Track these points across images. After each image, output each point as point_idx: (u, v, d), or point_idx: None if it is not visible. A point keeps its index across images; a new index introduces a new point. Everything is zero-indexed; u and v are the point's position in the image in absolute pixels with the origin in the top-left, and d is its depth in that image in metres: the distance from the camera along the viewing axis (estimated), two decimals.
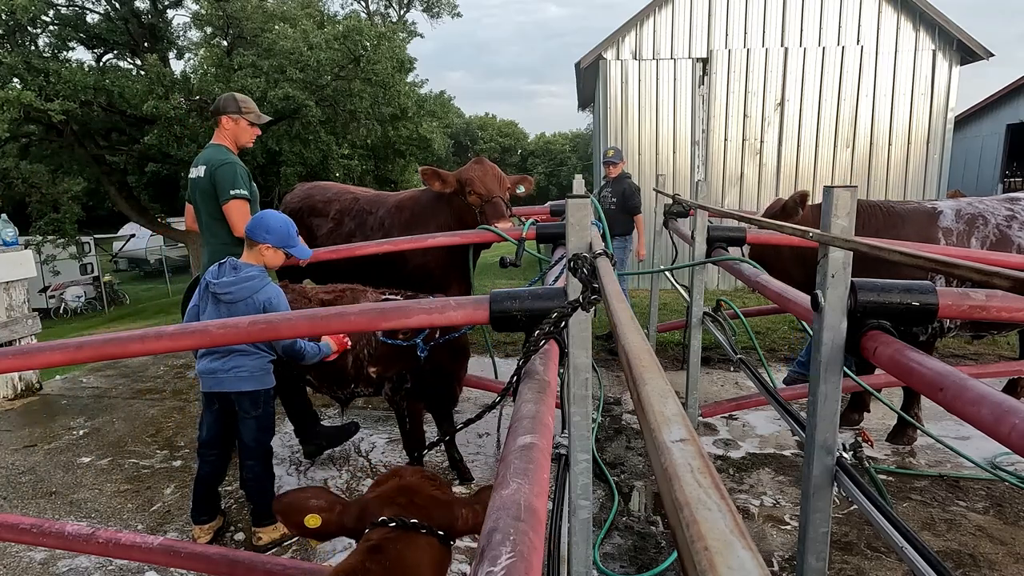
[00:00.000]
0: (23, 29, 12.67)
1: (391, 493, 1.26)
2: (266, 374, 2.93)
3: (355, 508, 1.27)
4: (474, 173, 3.95)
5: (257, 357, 2.88)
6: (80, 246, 16.15)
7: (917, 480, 3.47)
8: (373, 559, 1.13)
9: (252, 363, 2.86)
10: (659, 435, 0.61)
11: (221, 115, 3.54)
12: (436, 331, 3.02)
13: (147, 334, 1.88)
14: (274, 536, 3.04)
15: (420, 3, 24.13)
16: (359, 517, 1.24)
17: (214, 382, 2.88)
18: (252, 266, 2.85)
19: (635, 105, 9.42)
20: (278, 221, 2.87)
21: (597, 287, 1.31)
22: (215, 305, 2.82)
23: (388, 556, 1.14)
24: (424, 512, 1.23)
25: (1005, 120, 16.08)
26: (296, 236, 2.93)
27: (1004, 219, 3.63)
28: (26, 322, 5.40)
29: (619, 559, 2.85)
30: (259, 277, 2.83)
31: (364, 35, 13.36)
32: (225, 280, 2.80)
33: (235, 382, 2.85)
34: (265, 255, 2.86)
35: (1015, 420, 0.99)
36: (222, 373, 2.85)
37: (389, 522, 1.19)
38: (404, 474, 1.33)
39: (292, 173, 13.97)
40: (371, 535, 1.18)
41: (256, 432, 2.93)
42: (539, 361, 1.38)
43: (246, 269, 2.83)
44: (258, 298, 2.80)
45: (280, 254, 2.90)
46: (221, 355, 2.84)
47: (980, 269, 0.80)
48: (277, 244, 2.85)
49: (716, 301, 3.66)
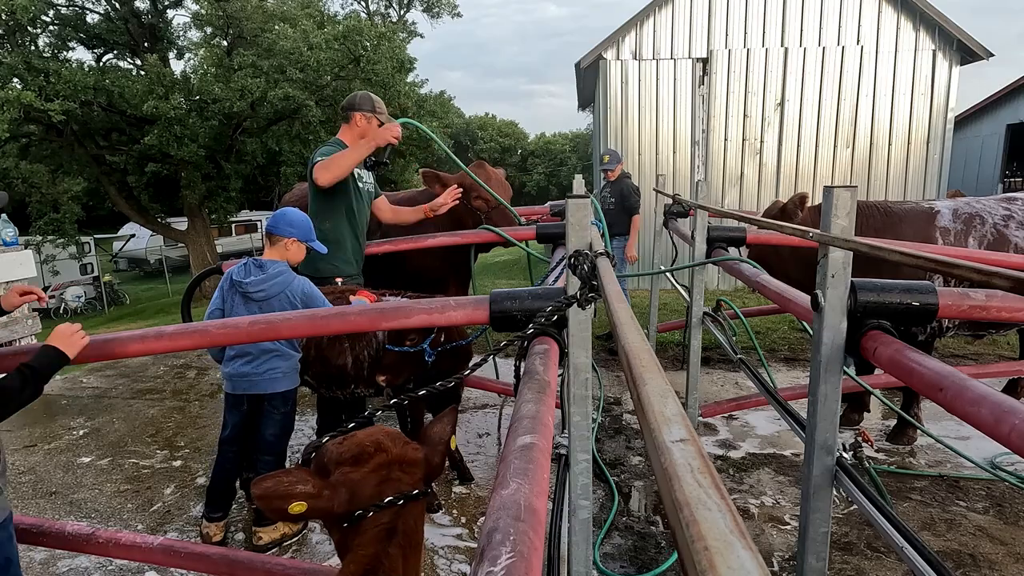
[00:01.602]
0: (23, 29, 12.66)
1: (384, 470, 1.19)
2: (296, 372, 3.00)
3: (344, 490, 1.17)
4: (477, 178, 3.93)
5: (289, 357, 2.94)
6: (80, 246, 16.17)
7: (917, 480, 3.47)
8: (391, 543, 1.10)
9: (286, 364, 2.92)
10: (659, 435, 0.61)
11: (355, 111, 3.53)
12: (442, 336, 3.02)
13: (147, 334, 1.88)
14: (274, 536, 3.04)
15: (420, 3, 24.11)
16: (350, 500, 1.16)
17: (248, 384, 2.90)
18: (278, 262, 2.89)
19: (635, 105, 9.41)
20: (300, 216, 2.94)
21: (596, 285, 1.31)
22: (246, 304, 2.84)
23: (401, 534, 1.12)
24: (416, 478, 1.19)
25: (1005, 120, 16.07)
26: (314, 231, 3.02)
27: (1001, 218, 3.63)
28: (26, 322, 5.40)
29: (619, 559, 2.85)
30: (288, 272, 2.88)
31: (364, 35, 13.37)
32: (256, 279, 2.83)
33: (270, 383, 2.90)
34: (290, 249, 2.92)
35: (1015, 420, 0.99)
36: (256, 376, 2.88)
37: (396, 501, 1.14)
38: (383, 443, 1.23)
39: (292, 173, 13.98)
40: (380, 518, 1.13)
41: (280, 429, 2.99)
42: (539, 361, 1.38)
43: (273, 266, 2.86)
44: (294, 291, 2.85)
45: (303, 248, 2.96)
46: (254, 357, 2.87)
47: (980, 269, 0.80)
48: (302, 238, 2.92)
49: (716, 301, 3.66)
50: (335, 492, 1.17)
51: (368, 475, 1.18)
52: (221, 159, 14.20)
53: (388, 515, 1.13)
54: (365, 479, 1.18)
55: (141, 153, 13.67)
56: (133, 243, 23.71)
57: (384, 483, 1.17)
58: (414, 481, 1.19)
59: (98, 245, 19.58)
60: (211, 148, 13.59)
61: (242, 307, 2.85)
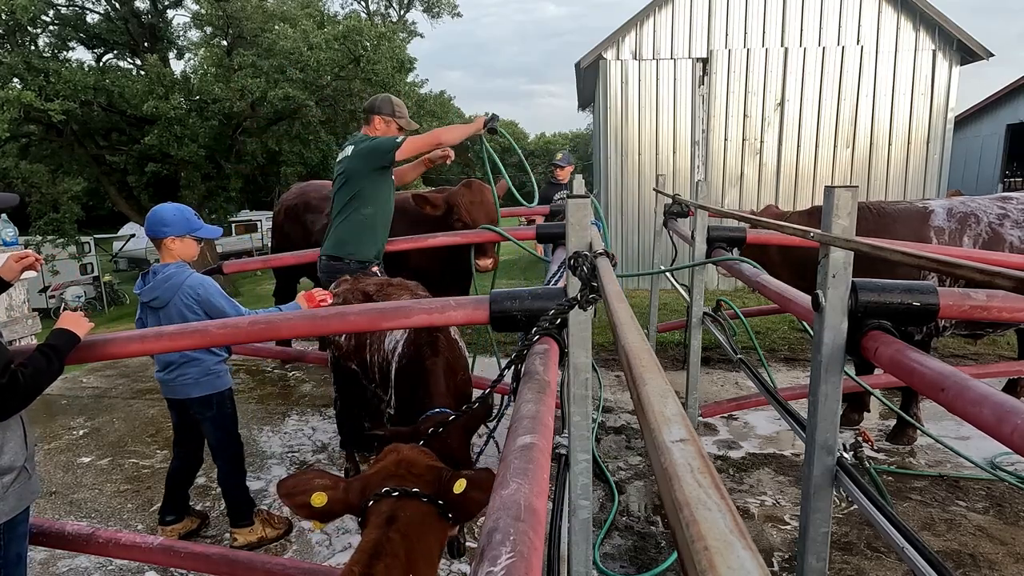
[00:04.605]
0: (23, 29, 12.67)
1: (391, 467, 1.33)
2: (215, 377, 2.90)
3: (358, 484, 1.33)
4: (462, 200, 3.96)
5: (200, 363, 2.86)
6: (80, 246, 16.16)
7: (917, 480, 3.46)
8: (392, 528, 1.20)
9: (196, 370, 2.85)
10: (659, 435, 0.60)
11: (374, 115, 3.63)
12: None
13: (147, 334, 1.88)
14: (250, 539, 3.03)
15: (420, 3, 24.12)
16: (362, 492, 1.30)
17: (167, 391, 2.94)
18: (167, 265, 2.80)
19: (635, 105, 9.41)
20: (171, 211, 2.81)
21: (596, 286, 1.31)
22: (153, 313, 2.81)
23: (403, 523, 1.21)
24: (422, 481, 1.31)
25: (1005, 120, 16.07)
26: (196, 218, 2.87)
27: (996, 217, 3.63)
28: (26, 322, 5.40)
29: (619, 559, 2.85)
30: (177, 273, 2.77)
31: (364, 35, 13.36)
32: (148, 287, 2.78)
33: (182, 389, 2.88)
34: (173, 248, 2.80)
35: (1017, 420, 0.98)
36: (171, 383, 2.89)
37: (392, 492, 1.26)
38: (401, 449, 1.40)
39: (292, 173, 13.97)
40: (380, 507, 1.25)
41: (215, 432, 2.97)
42: (539, 361, 1.38)
43: (163, 270, 2.79)
44: (184, 293, 2.74)
45: (189, 241, 2.83)
46: (170, 365, 2.86)
47: (983, 269, 0.80)
48: (179, 233, 2.79)
49: (716, 301, 3.65)
50: (350, 486, 1.33)
51: (379, 470, 1.33)
52: (221, 159, 14.21)
53: (387, 504, 1.25)
54: (376, 473, 1.33)
55: (141, 153, 13.68)
56: (133, 243, 23.66)
57: (388, 478, 1.30)
58: (420, 484, 1.29)
59: (98, 245, 19.54)
60: (211, 148, 13.59)
61: (151, 317, 2.81)
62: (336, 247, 3.60)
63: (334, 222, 3.66)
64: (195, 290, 2.75)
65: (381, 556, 1.14)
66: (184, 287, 2.74)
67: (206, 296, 2.74)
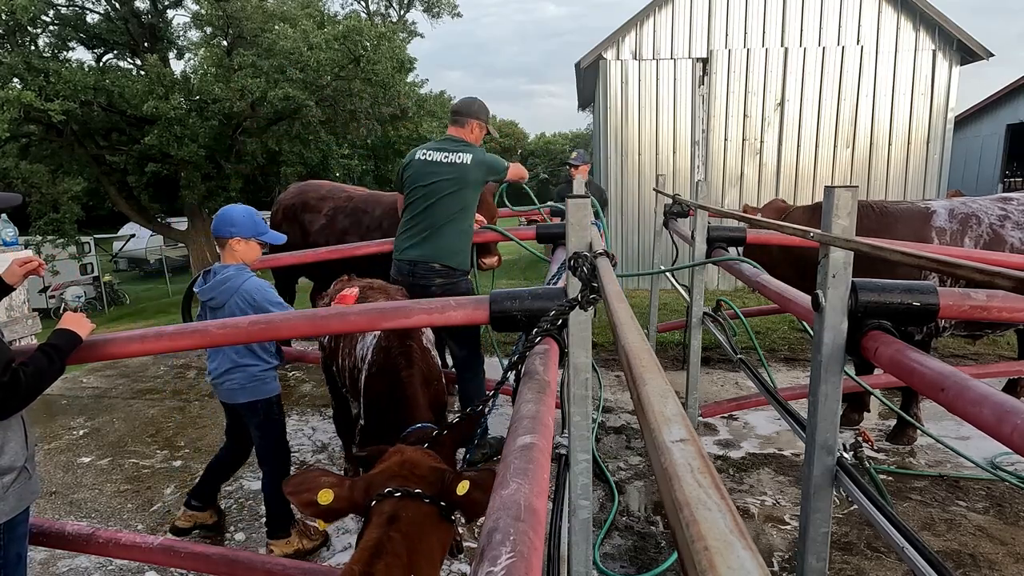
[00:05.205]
0: (23, 29, 12.67)
1: (394, 467, 1.36)
2: (261, 383, 2.85)
3: (362, 483, 1.35)
4: None
5: (244, 369, 2.82)
6: (80, 246, 16.16)
7: (917, 480, 3.46)
8: (393, 527, 1.22)
9: (241, 376, 2.81)
10: (659, 435, 0.60)
11: (472, 119, 3.58)
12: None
13: (147, 334, 1.88)
14: (286, 551, 2.95)
15: (420, 3, 24.10)
16: (366, 491, 1.32)
17: (218, 393, 2.91)
18: (227, 266, 2.78)
19: (635, 105, 9.41)
20: (240, 212, 2.80)
21: (596, 286, 1.31)
22: (212, 313, 2.80)
23: (404, 523, 1.23)
24: (425, 482, 1.33)
25: (1005, 120, 16.06)
26: (263, 222, 2.86)
27: (997, 218, 3.64)
28: (26, 322, 5.40)
29: (619, 559, 2.85)
30: (236, 275, 2.75)
31: (364, 35, 13.36)
32: (207, 287, 2.77)
33: (228, 394, 2.85)
34: (237, 249, 2.79)
35: (1017, 420, 0.98)
36: (219, 386, 2.87)
37: (395, 492, 1.28)
38: (405, 450, 1.43)
39: (292, 173, 13.97)
40: (382, 507, 1.27)
41: (260, 439, 2.92)
42: (539, 361, 1.38)
43: (222, 271, 2.77)
44: (241, 296, 2.72)
45: (253, 244, 2.83)
46: (219, 368, 2.84)
47: (983, 269, 0.80)
48: (246, 235, 2.78)
49: (716, 301, 3.65)
50: (355, 484, 1.36)
51: (383, 471, 1.36)
52: (221, 159, 14.21)
53: (390, 504, 1.27)
54: (379, 473, 1.36)
55: (141, 153, 13.68)
56: (133, 243, 23.68)
57: (392, 478, 1.33)
58: (422, 485, 1.32)
59: (98, 245, 19.55)
60: (211, 148, 13.59)
61: (210, 316, 2.78)
62: (450, 256, 3.46)
63: (442, 230, 3.44)
64: (252, 295, 2.72)
65: (382, 555, 1.15)
66: (241, 291, 2.72)
67: (261, 302, 2.72)
